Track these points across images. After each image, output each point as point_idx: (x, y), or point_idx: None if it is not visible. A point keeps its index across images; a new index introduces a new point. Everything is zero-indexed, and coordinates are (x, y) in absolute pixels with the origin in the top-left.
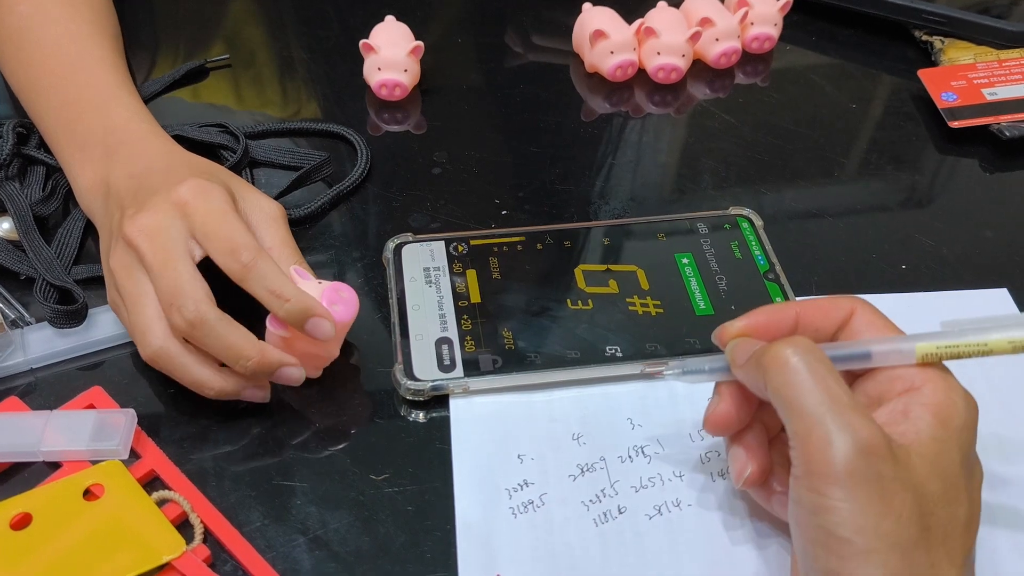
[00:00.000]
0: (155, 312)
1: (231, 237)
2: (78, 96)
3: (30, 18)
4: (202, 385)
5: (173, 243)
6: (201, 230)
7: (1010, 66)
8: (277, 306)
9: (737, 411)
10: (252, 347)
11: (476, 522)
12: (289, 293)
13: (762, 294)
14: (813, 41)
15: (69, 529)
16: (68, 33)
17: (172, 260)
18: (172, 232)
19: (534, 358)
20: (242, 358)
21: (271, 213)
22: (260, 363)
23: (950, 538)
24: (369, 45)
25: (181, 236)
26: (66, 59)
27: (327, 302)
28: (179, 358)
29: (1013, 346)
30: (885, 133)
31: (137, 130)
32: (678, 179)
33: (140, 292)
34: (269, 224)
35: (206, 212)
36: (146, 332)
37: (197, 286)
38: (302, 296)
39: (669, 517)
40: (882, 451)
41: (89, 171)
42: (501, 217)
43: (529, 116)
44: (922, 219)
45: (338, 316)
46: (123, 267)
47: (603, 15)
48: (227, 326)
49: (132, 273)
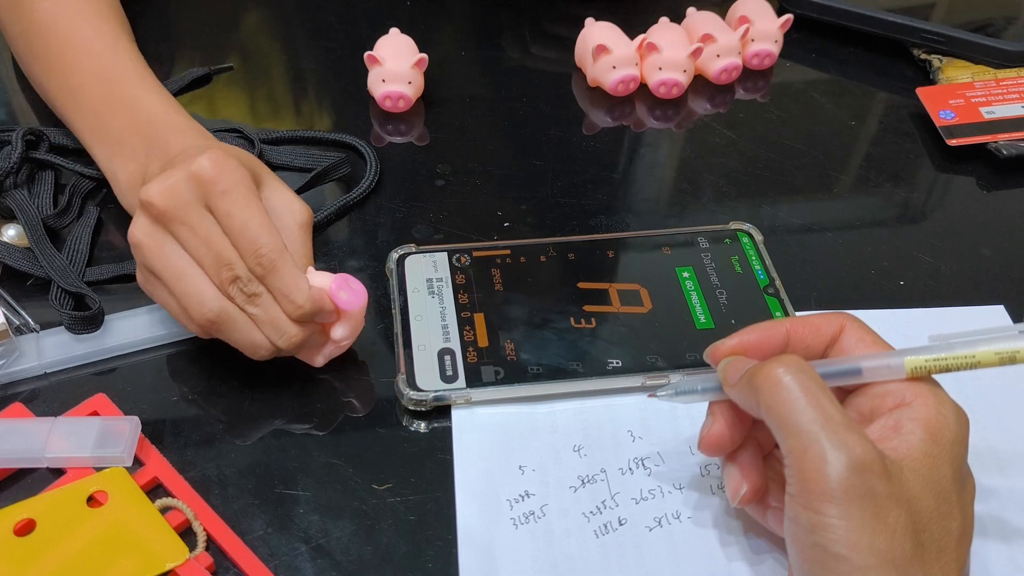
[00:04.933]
0: (201, 276)
1: (248, 226)
2: (110, 93)
3: (55, 17)
4: (257, 346)
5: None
6: (222, 209)
7: (1007, 85)
8: (291, 310)
9: (731, 431)
10: (304, 294)
11: (477, 532)
12: (303, 300)
13: (762, 309)
14: (813, 58)
15: (72, 536)
16: (95, 31)
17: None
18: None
19: (536, 370)
20: (295, 304)
21: (300, 217)
22: (315, 309)
23: (944, 553)
24: (374, 57)
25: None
26: (97, 57)
27: (336, 287)
28: (239, 318)
29: (1000, 357)
30: (883, 150)
31: (172, 122)
32: (679, 193)
33: (178, 261)
34: (294, 228)
35: (224, 191)
36: (202, 297)
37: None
38: (317, 301)
39: (669, 529)
40: (876, 468)
41: (129, 167)
42: (504, 229)
43: (532, 129)
44: (920, 236)
45: (344, 303)
46: (147, 235)
47: (605, 30)
48: (290, 266)
49: (161, 244)
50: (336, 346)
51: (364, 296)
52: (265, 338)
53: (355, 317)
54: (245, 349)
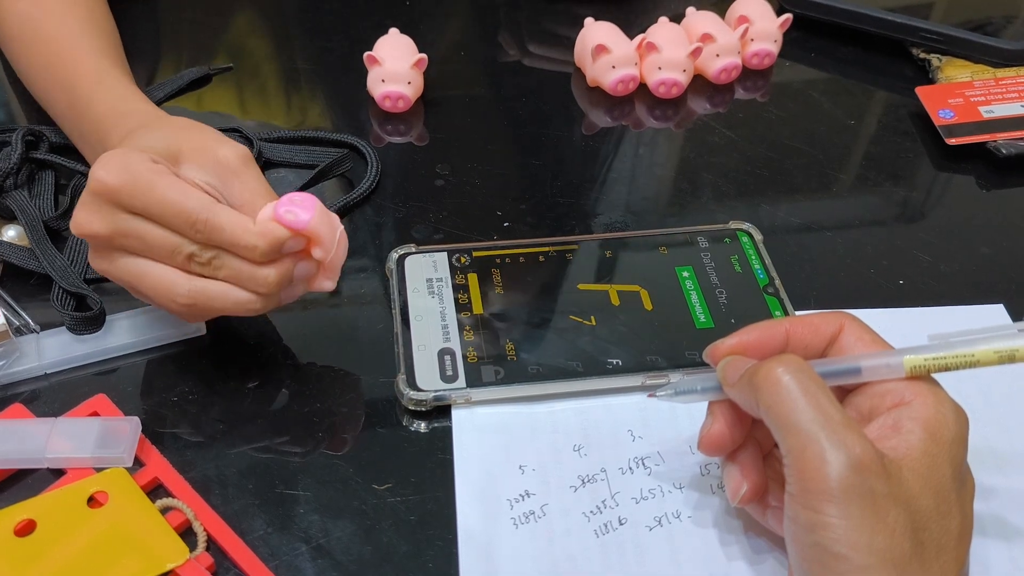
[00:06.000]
0: (160, 268)
1: (168, 205)
2: (72, 97)
3: (24, 19)
4: (244, 304)
5: (109, 218)
6: (139, 207)
7: (1007, 84)
8: (249, 255)
9: (731, 431)
10: (251, 234)
11: (478, 532)
12: (252, 241)
13: (761, 308)
14: (812, 58)
15: (73, 536)
16: (62, 30)
17: (129, 230)
18: (102, 212)
19: (536, 369)
20: (247, 247)
21: (234, 160)
22: (270, 243)
23: (943, 552)
24: (373, 57)
25: (111, 209)
26: (59, 61)
27: (281, 212)
28: (212, 288)
29: (999, 356)
30: (883, 149)
31: (119, 124)
32: (678, 193)
33: (133, 268)
34: (239, 170)
35: (131, 193)
36: (169, 288)
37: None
38: (267, 234)
39: (669, 529)
40: (875, 467)
41: None
42: (503, 229)
43: (531, 129)
44: (919, 235)
45: (293, 223)
46: (97, 259)
47: (605, 30)
48: (226, 216)
49: (111, 262)
50: (328, 267)
51: (312, 206)
52: (248, 293)
53: (323, 232)
54: (236, 312)
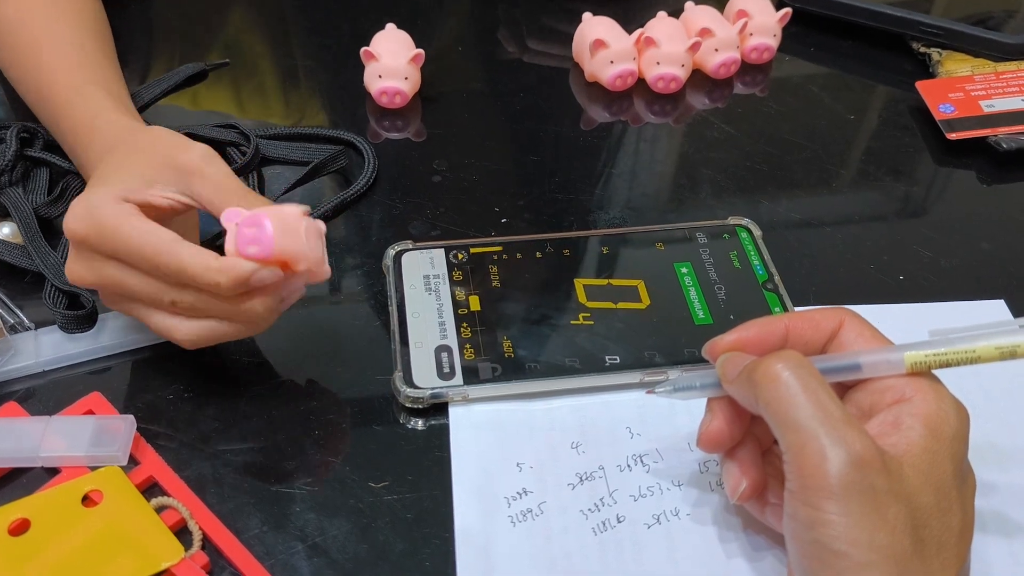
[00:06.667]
0: (157, 313)
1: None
2: (51, 104)
3: (11, 21)
4: (244, 334)
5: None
6: (108, 252)
7: (1007, 78)
8: (220, 292)
9: (730, 427)
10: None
11: (475, 530)
12: (214, 279)
13: (761, 304)
14: (812, 52)
15: (67, 535)
16: (45, 33)
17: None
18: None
19: (533, 366)
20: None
21: (191, 164)
22: (233, 279)
23: (944, 548)
24: (370, 53)
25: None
26: (37, 64)
27: (242, 245)
28: (207, 329)
29: (1000, 352)
30: (883, 144)
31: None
32: (677, 188)
33: (133, 310)
34: (194, 177)
35: (98, 241)
36: (169, 331)
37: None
38: (229, 270)
39: (668, 526)
40: (875, 464)
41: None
42: (501, 225)
43: (529, 125)
44: (920, 230)
45: (256, 254)
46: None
47: (603, 25)
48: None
49: (112, 302)
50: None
51: (267, 232)
52: (242, 325)
53: (293, 247)
54: (248, 334)
